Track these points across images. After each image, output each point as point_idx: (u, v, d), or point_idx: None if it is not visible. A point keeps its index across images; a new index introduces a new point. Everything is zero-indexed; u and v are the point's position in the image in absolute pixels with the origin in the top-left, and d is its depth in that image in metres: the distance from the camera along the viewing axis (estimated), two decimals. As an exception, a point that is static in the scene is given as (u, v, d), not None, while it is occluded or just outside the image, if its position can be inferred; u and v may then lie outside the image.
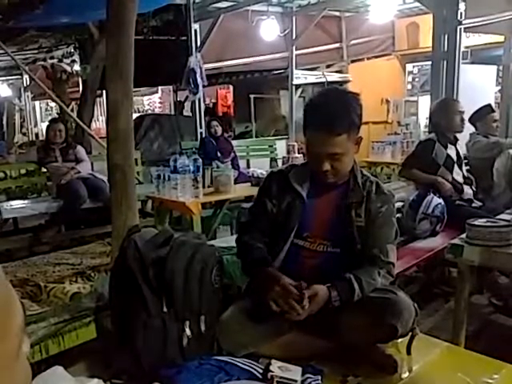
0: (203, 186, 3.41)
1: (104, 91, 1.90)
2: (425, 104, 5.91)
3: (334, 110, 1.39)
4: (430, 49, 4.13)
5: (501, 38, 5.42)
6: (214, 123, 4.99)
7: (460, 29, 3.86)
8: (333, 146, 1.39)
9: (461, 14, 3.84)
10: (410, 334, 1.40)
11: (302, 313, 1.31)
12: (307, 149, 1.47)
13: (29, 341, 0.54)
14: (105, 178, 3.18)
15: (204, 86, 5.91)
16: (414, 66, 7.50)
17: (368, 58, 8.12)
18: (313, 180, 1.52)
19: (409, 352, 1.43)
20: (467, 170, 3.14)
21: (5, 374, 0.39)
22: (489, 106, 3.48)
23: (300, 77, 7.11)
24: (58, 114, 8.49)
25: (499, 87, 5.58)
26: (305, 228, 1.49)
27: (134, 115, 9.33)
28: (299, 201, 1.49)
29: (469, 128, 3.47)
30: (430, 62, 4.28)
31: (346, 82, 8.15)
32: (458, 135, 3.10)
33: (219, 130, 4.95)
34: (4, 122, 11.79)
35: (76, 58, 7.21)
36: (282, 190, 1.52)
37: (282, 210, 1.50)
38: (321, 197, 1.52)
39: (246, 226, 1.59)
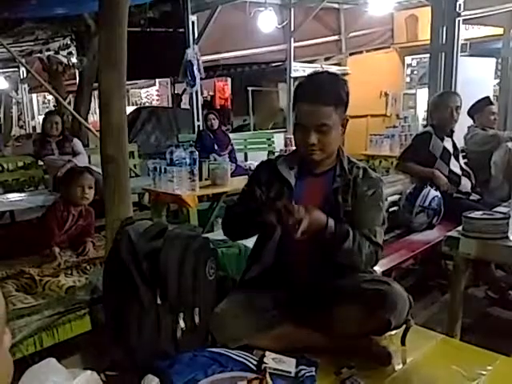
0: (200, 179, 3.40)
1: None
2: (423, 97, 5.89)
3: (321, 84, 1.44)
4: (429, 41, 4.10)
5: (500, 31, 5.40)
6: (211, 116, 4.97)
7: (459, 21, 3.83)
8: (320, 116, 1.40)
9: (459, 5, 3.82)
10: (405, 325, 1.40)
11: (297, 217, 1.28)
12: (295, 126, 1.48)
13: (10, 336, 0.53)
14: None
15: (201, 79, 5.88)
16: (412, 59, 7.47)
17: (367, 51, 8.08)
18: (301, 167, 1.52)
19: (403, 343, 1.43)
20: (465, 163, 3.13)
21: None
22: (487, 98, 3.46)
23: (298, 69, 7.06)
24: (54, 106, 8.45)
25: (498, 80, 5.56)
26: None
27: (132, 108, 9.31)
28: (287, 188, 1.49)
29: (468, 121, 3.46)
30: (428, 55, 4.26)
31: (345, 74, 8.10)
32: (455, 127, 3.08)
33: (216, 123, 4.93)
34: (1, 114, 11.74)
35: (73, 49, 7.16)
36: (271, 179, 1.52)
37: (270, 198, 1.50)
38: (309, 184, 1.52)
39: (232, 207, 1.61)
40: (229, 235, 1.62)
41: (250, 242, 1.64)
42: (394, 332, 1.44)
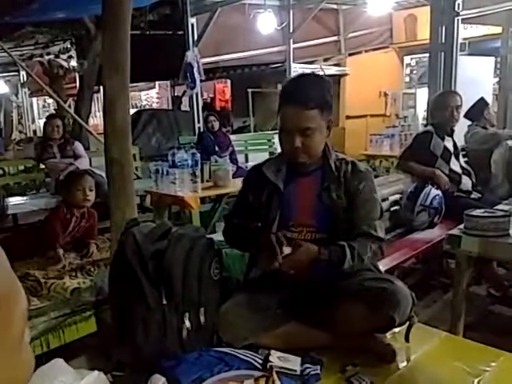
0: (202, 181, 3.41)
1: (101, 87, 1.93)
2: (423, 96, 5.90)
3: (306, 87, 1.44)
4: (428, 41, 4.11)
5: (498, 30, 5.40)
6: (212, 118, 4.98)
7: (457, 20, 3.84)
8: (305, 120, 1.41)
9: (458, 5, 3.83)
10: (408, 322, 1.41)
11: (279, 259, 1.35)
12: (280, 129, 1.49)
13: (29, 330, 0.54)
14: (103, 174, 3.18)
15: (201, 81, 5.90)
16: (411, 59, 7.49)
17: (366, 51, 8.10)
18: (288, 169, 1.53)
19: (407, 340, 1.44)
20: (465, 162, 3.14)
21: (10, 358, 0.40)
22: (482, 99, 3.48)
23: (298, 70, 7.07)
24: (55, 110, 8.47)
25: (497, 79, 5.57)
26: (288, 218, 1.50)
27: (132, 110, 9.35)
28: (277, 192, 1.50)
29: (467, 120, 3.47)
30: (427, 54, 4.27)
31: (344, 75, 8.13)
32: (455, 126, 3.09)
33: (216, 124, 4.94)
34: (1, 118, 11.77)
35: (73, 53, 7.19)
36: (260, 184, 1.53)
37: (262, 203, 1.52)
38: (298, 184, 1.53)
39: (231, 216, 1.65)
40: (231, 246, 1.70)
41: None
42: (397, 329, 1.45)
